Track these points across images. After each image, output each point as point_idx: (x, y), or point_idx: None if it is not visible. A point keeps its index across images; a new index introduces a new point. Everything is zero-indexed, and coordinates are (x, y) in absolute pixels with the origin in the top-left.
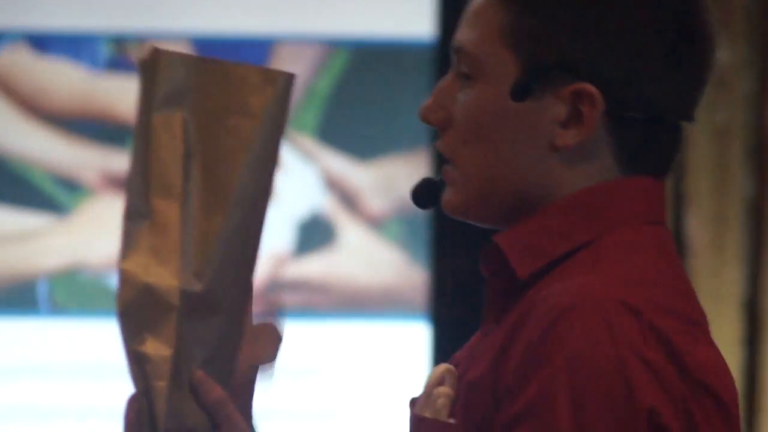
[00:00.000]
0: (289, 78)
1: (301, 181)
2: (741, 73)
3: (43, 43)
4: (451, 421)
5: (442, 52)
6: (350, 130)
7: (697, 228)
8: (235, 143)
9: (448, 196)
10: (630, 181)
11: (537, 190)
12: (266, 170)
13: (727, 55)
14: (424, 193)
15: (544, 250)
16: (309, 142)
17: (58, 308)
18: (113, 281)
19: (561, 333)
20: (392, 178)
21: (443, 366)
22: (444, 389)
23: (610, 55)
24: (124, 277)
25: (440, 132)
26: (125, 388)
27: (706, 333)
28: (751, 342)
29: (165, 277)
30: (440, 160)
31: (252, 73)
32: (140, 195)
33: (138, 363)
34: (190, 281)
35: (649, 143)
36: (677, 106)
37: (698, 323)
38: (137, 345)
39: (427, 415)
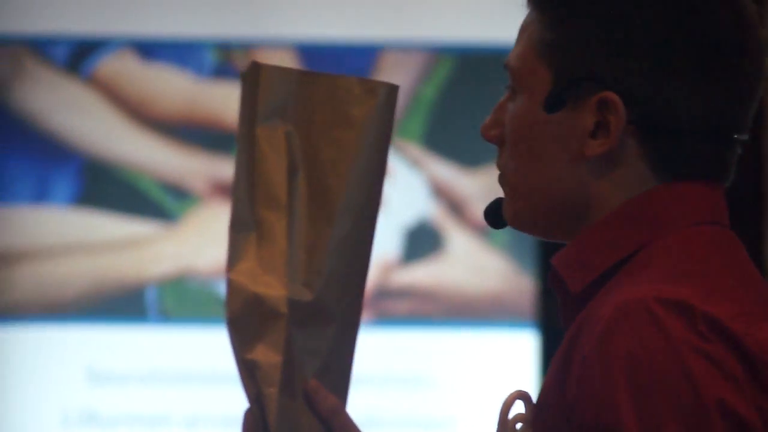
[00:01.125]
0: (392, 89)
1: (408, 188)
2: None
3: (149, 50)
4: None
5: None
6: (457, 137)
7: None
8: (340, 154)
9: (504, 208)
10: (672, 187)
11: (574, 199)
12: (374, 180)
13: None
14: (491, 212)
15: (593, 264)
16: (415, 150)
17: (166, 315)
18: (221, 288)
19: (612, 339)
20: (498, 185)
21: (515, 392)
22: (520, 414)
23: (635, 66)
24: (232, 287)
25: (499, 149)
26: (233, 395)
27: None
28: None
29: (273, 286)
30: None
31: (354, 85)
32: (246, 206)
33: (249, 371)
34: (300, 291)
35: (690, 152)
36: (715, 116)
37: (757, 303)
38: (247, 353)
39: None
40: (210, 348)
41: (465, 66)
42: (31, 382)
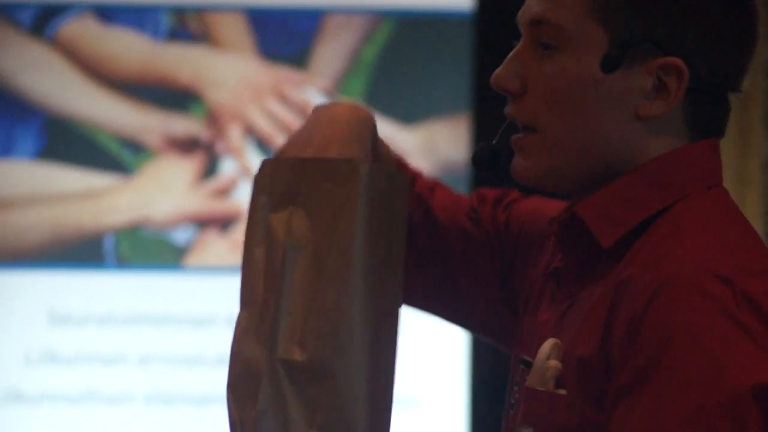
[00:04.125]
0: (375, 167)
1: None
2: (761, 42)
3: (108, 13)
4: (562, 392)
5: (480, 22)
6: (395, 95)
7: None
8: (341, 230)
9: (523, 162)
10: (697, 146)
11: (620, 157)
12: (389, 249)
13: None
14: (486, 158)
15: (623, 219)
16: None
17: (122, 261)
18: (173, 237)
19: (661, 305)
20: (435, 140)
21: (551, 340)
22: (553, 362)
23: (691, 30)
24: (232, 354)
25: (514, 99)
26: (183, 336)
27: None
28: None
29: (255, 350)
30: (508, 127)
31: (340, 165)
32: (249, 288)
33: (241, 428)
34: (293, 351)
35: (714, 110)
36: (737, 76)
37: None
38: (239, 414)
39: (538, 387)
40: (162, 292)
41: (402, 29)
42: None
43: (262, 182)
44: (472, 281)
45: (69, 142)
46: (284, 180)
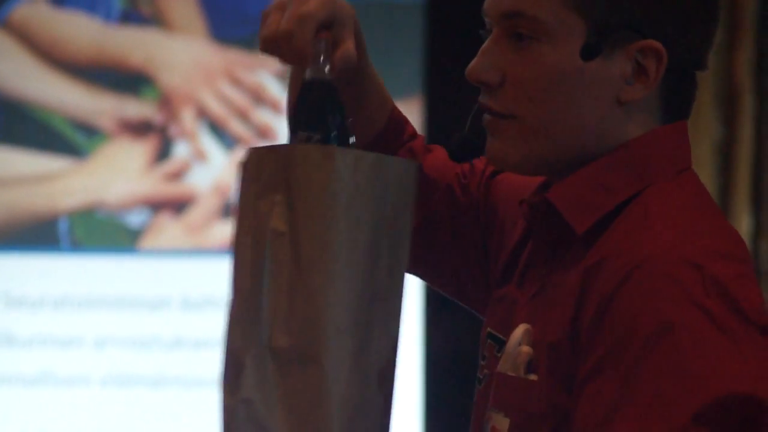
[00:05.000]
0: (346, 154)
1: None
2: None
3: None
4: (533, 377)
5: (431, 8)
6: None
7: None
8: (319, 217)
9: (502, 148)
10: (667, 129)
11: (600, 141)
12: (384, 235)
13: None
14: (463, 150)
15: (596, 205)
16: None
17: (77, 244)
18: (127, 219)
19: (631, 289)
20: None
21: (522, 326)
22: (525, 348)
23: (667, 13)
24: (223, 341)
25: (491, 90)
26: (136, 318)
27: (751, 267)
28: None
29: (242, 338)
30: (476, 114)
31: (311, 151)
32: (238, 277)
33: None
34: (280, 338)
35: (687, 90)
36: (705, 53)
37: (745, 260)
38: (228, 400)
39: (510, 372)
40: (118, 274)
41: (357, 14)
42: None
43: (249, 170)
44: (455, 245)
45: (22, 125)
46: (269, 168)
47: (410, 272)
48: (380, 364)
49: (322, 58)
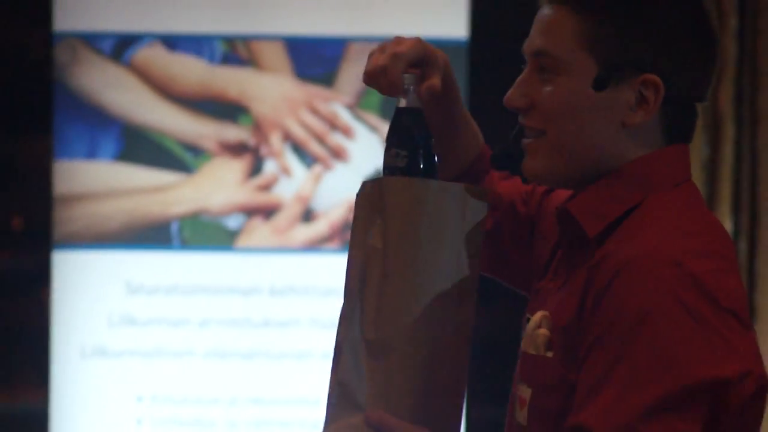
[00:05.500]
0: (425, 184)
1: (368, 146)
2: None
3: (173, 42)
4: (549, 354)
5: (472, 49)
6: None
7: None
8: (408, 236)
9: (531, 162)
10: (668, 150)
11: (609, 158)
12: (459, 253)
13: None
14: (503, 158)
15: (605, 213)
16: (373, 118)
17: (185, 243)
18: (226, 222)
19: (620, 283)
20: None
21: (540, 312)
22: (542, 330)
23: (665, 52)
24: (336, 334)
25: (524, 113)
26: (233, 303)
27: (732, 262)
28: None
29: (346, 332)
30: (517, 132)
31: (399, 182)
32: (348, 283)
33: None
34: (370, 332)
35: (685, 118)
36: (703, 88)
37: (726, 256)
38: (333, 379)
39: (531, 351)
40: (217, 267)
41: None
42: (84, 293)
43: (360, 199)
44: (512, 245)
45: (142, 146)
46: (373, 196)
47: (485, 272)
48: (452, 351)
49: (411, 89)
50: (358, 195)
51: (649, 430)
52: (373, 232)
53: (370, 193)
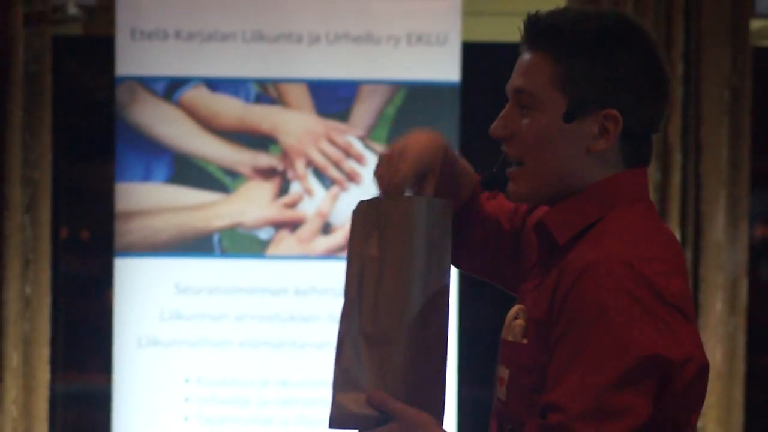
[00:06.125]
0: (429, 201)
1: None
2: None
3: (214, 84)
4: (524, 341)
5: (463, 88)
6: None
7: None
8: (401, 246)
9: (514, 187)
10: (627, 173)
11: (578, 179)
12: (439, 254)
13: None
14: (490, 182)
15: (573, 224)
16: (381, 147)
17: (224, 251)
18: (259, 234)
19: (582, 283)
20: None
21: (517, 306)
22: (519, 321)
23: (624, 91)
24: (336, 337)
25: (505, 142)
26: (264, 302)
27: (678, 266)
28: None
29: (346, 327)
30: (503, 160)
31: (403, 202)
32: (347, 286)
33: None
34: (368, 326)
35: (641, 146)
36: (657, 121)
37: (672, 261)
38: (335, 369)
39: (509, 338)
40: (251, 271)
41: (412, 94)
42: (140, 294)
43: (357, 215)
44: (498, 253)
45: (189, 170)
46: (370, 213)
47: (469, 272)
48: (436, 340)
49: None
50: (354, 212)
51: (608, 404)
52: (371, 243)
53: (366, 211)
